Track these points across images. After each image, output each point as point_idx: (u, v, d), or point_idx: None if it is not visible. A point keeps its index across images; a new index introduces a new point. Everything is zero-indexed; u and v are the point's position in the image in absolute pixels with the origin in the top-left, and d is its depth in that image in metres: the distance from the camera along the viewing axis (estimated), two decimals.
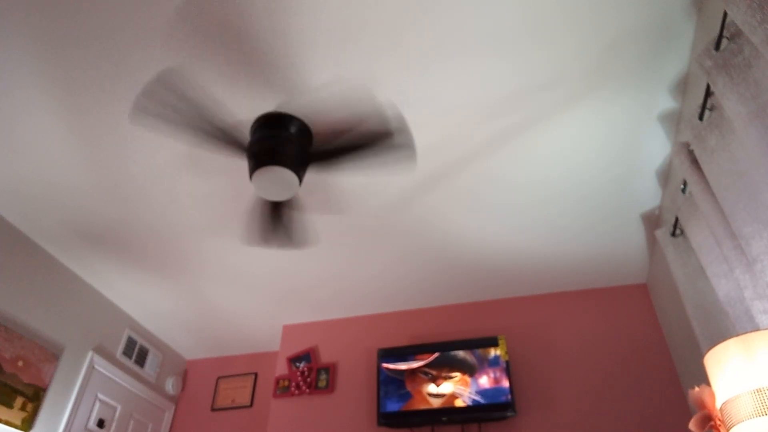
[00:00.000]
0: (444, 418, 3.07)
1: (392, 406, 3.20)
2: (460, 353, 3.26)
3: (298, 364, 3.71)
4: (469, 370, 3.19)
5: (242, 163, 2.54)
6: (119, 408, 3.72)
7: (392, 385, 3.27)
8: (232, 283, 3.51)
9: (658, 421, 2.91)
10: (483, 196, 2.72)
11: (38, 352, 3.04)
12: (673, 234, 2.42)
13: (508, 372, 3.11)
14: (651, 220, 2.89)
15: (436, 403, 3.13)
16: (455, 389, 3.14)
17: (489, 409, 3.03)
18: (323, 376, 3.60)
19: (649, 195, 2.71)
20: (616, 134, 2.37)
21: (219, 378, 4.39)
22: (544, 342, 3.36)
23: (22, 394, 2.88)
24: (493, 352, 3.21)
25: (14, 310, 2.96)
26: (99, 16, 1.91)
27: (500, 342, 3.24)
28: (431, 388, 3.19)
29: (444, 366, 3.24)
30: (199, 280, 3.47)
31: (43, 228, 3.04)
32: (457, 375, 3.19)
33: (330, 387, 3.53)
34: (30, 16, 1.91)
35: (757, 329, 1.54)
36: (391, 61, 2.05)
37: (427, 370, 3.26)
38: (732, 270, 1.72)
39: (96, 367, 3.51)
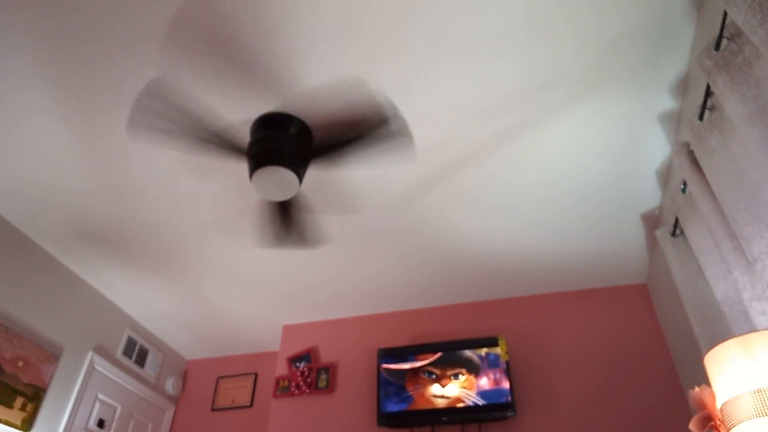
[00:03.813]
0: (444, 418, 3.07)
1: (392, 407, 3.19)
2: (466, 352, 3.25)
3: (298, 364, 3.71)
4: (474, 370, 3.18)
5: (243, 163, 2.54)
6: (119, 408, 3.72)
7: (392, 386, 3.27)
8: (232, 283, 3.51)
9: (658, 421, 2.91)
10: (483, 196, 2.72)
11: (38, 352, 3.04)
12: (673, 234, 2.42)
13: (508, 372, 3.11)
14: (651, 220, 2.89)
15: (440, 403, 3.12)
16: (460, 391, 3.13)
17: (489, 409, 3.03)
18: (323, 376, 3.60)
19: (649, 195, 2.71)
20: (617, 134, 2.37)
21: (219, 378, 4.39)
22: (544, 342, 3.36)
23: (22, 394, 2.88)
24: (493, 353, 3.21)
25: (14, 310, 2.96)
26: (99, 17, 1.91)
27: (500, 342, 3.24)
28: (435, 389, 3.18)
29: (448, 365, 3.24)
30: (200, 280, 3.47)
31: (43, 228, 3.04)
32: (463, 375, 3.18)
33: (330, 387, 3.53)
34: (30, 17, 1.91)
35: (759, 329, 1.54)
36: (391, 61, 2.04)
37: (431, 369, 3.26)
38: (731, 271, 1.72)
39: (96, 367, 3.51)
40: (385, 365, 3.34)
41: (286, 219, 2.66)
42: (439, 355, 3.29)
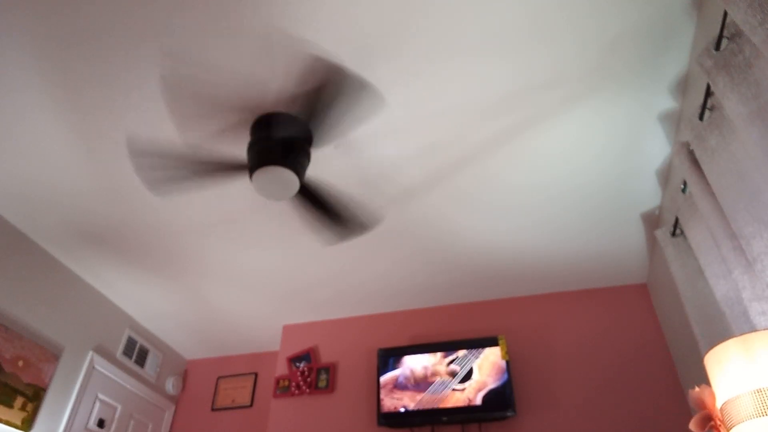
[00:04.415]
0: (444, 418, 3.07)
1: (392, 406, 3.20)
2: (466, 353, 3.25)
3: (298, 364, 3.71)
4: (475, 370, 3.18)
5: (242, 164, 2.53)
6: (119, 408, 3.72)
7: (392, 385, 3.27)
8: (232, 283, 3.51)
9: (658, 421, 2.91)
10: (483, 196, 2.72)
11: (38, 352, 3.04)
12: (673, 234, 2.42)
13: (509, 372, 3.11)
14: (651, 220, 2.89)
15: (440, 403, 3.12)
16: (461, 392, 3.13)
17: (489, 409, 3.03)
18: (323, 376, 3.60)
19: (649, 195, 2.71)
20: (617, 134, 2.37)
21: (219, 378, 4.39)
22: (544, 342, 3.36)
23: (22, 394, 2.88)
24: (493, 353, 3.21)
25: (14, 310, 2.96)
26: (99, 17, 1.91)
27: (500, 342, 3.24)
28: (436, 391, 3.19)
29: (449, 368, 3.25)
30: (200, 280, 3.47)
31: (43, 228, 3.04)
32: (463, 377, 3.18)
33: (330, 387, 3.53)
34: (30, 16, 1.91)
35: (759, 329, 1.54)
36: (392, 60, 2.04)
37: (431, 371, 3.26)
38: (731, 271, 1.72)
39: (96, 367, 3.51)
40: (383, 377, 3.32)
41: (326, 211, 2.61)
42: (438, 358, 3.29)
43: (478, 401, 3.06)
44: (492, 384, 3.10)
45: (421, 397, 3.17)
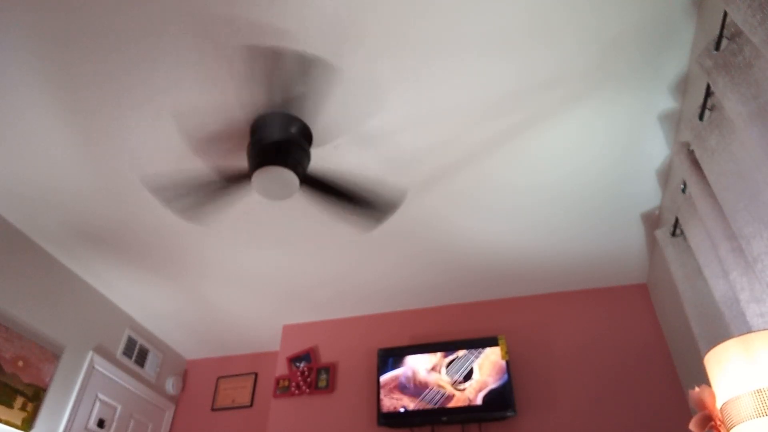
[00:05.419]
0: (444, 418, 3.07)
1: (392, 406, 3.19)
2: (466, 353, 3.26)
3: (298, 364, 3.71)
4: (475, 370, 3.19)
5: (242, 164, 2.53)
6: (119, 408, 3.72)
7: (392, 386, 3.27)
8: (232, 283, 3.50)
9: (658, 421, 2.91)
10: (483, 197, 2.72)
11: (38, 352, 3.04)
12: (673, 234, 2.42)
13: (508, 372, 3.11)
14: (651, 220, 2.89)
15: (440, 403, 3.12)
16: (461, 392, 3.14)
17: (489, 409, 3.03)
18: (323, 376, 3.60)
19: (649, 195, 2.71)
20: (617, 134, 2.37)
21: (219, 378, 4.39)
22: (544, 342, 3.36)
23: (22, 394, 2.88)
24: (493, 353, 3.21)
25: (14, 310, 2.96)
26: (98, 14, 1.91)
27: (500, 342, 3.24)
28: (435, 391, 3.18)
29: (449, 367, 3.25)
30: (200, 280, 3.47)
31: (43, 228, 3.04)
32: (464, 377, 3.18)
33: (330, 387, 3.53)
34: (30, 14, 1.91)
35: (759, 330, 1.53)
36: (391, 61, 2.04)
37: (431, 372, 3.26)
38: (728, 273, 1.72)
39: (96, 367, 3.51)
40: (382, 377, 3.32)
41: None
42: (439, 358, 3.30)
43: (479, 401, 3.06)
44: (492, 384, 3.10)
45: (420, 398, 3.17)
